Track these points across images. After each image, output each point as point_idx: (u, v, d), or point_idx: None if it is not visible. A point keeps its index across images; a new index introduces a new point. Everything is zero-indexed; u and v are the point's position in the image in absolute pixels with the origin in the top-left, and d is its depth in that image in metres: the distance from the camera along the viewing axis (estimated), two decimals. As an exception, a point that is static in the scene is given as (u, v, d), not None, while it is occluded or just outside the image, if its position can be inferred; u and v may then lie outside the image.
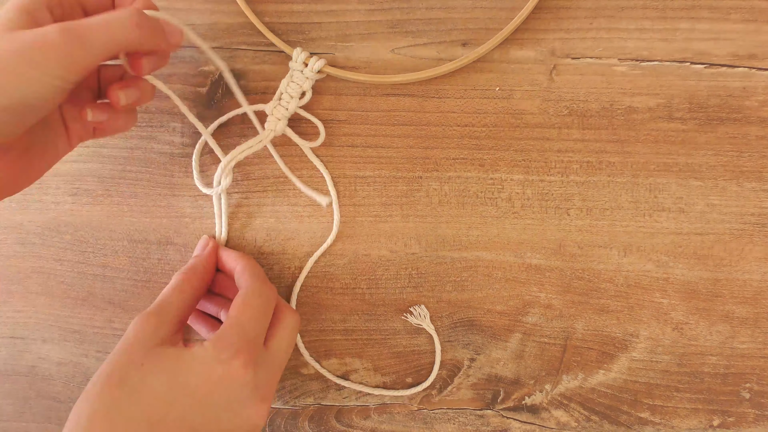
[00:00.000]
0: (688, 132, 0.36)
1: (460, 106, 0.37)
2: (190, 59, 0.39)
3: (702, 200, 0.36)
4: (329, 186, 0.38)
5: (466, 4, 0.37)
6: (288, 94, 0.37)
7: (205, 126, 0.38)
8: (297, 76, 0.37)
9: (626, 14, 0.36)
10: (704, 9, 0.35)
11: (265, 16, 0.38)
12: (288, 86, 0.37)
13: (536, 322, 0.38)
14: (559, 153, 0.37)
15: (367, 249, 0.39)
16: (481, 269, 0.38)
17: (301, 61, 0.36)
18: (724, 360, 0.37)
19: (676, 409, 0.38)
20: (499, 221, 0.38)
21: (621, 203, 0.37)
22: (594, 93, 0.36)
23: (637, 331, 0.38)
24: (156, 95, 0.39)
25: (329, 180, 0.38)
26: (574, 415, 0.39)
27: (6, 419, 0.43)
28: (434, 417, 0.40)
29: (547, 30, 0.36)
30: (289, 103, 0.37)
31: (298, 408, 0.41)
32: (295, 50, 0.36)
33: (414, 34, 0.37)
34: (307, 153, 0.38)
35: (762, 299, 0.37)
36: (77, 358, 0.42)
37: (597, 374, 0.38)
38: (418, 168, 0.38)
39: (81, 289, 0.41)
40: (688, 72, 0.36)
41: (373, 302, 0.39)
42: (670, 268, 0.37)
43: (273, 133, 0.37)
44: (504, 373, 0.39)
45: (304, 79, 0.37)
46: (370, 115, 0.38)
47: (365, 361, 0.40)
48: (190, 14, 0.38)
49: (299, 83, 0.37)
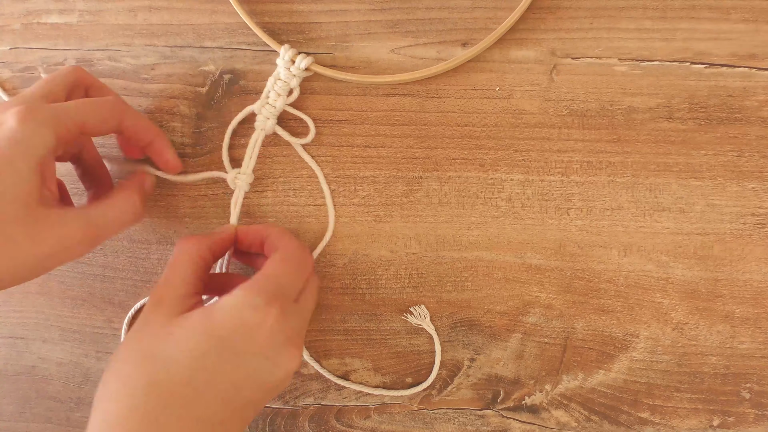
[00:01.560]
0: (688, 132, 0.36)
1: (460, 106, 0.37)
2: (190, 59, 0.39)
3: (702, 200, 0.36)
4: (322, 183, 0.38)
5: (466, 4, 0.37)
6: (275, 92, 0.37)
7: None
8: (284, 74, 0.37)
9: (626, 14, 0.36)
10: (704, 9, 0.35)
11: (264, 16, 0.38)
12: (275, 84, 0.37)
13: (536, 322, 0.38)
14: (559, 153, 0.37)
15: (367, 249, 0.39)
16: (481, 269, 0.38)
17: (289, 59, 0.36)
18: (724, 360, 0.37)
19: (676, 409, 0.38)
20: (499, 221, 0.38)
21: (621, 203, 0.37)
22: (594, 93, 0.36)
23: (637, 331, 0.38)
24: (156, 95, 0.39)
25: (321, 177, 0.38)
26: (574, 415, 0.39)
27: (6, 419, 0.43)
28: (434, 417, 0.40)
29: (547, 30, 0.36)
30: (276, 101, 0.37)
31: (298, 408, 0.41)
32: (282, 47, 0.36)
33: (414, 34, 0.37)
34: (298, 150, 0.38)
35: (762, 299, 0.37)
36: (77, 358, 0.42)
37: (597, 374, 0.38)
38: (418, 168, 0.38)
39: (81, 289, 0.41)
40: (688, 72, 0.36)
41: (373, 302, 0.39)
42: (670, 268, 0.37)
43: (263, 132, 0.37)
44: (504, 373, 0.39)
45: (291, 76, 0.37)
46: (370, 115, 0.38)
47: (365, 361, 0.40)
48: (190, 14, 0.38)
49: (287, 81, 0.37)
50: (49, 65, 0.40)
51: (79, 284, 0.41)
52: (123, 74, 0.39)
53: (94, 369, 0.41)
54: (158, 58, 0.39)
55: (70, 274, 0.41)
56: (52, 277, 0.41)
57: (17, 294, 0.41)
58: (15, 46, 0.40)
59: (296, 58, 0.36)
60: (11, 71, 0.40)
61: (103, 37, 0.39)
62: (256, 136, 0.37)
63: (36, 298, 0.41)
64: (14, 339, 0.42)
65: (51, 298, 0.41)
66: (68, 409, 0.42)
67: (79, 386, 0.42)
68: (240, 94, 0.38)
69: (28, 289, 0.41)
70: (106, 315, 0.41)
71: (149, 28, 0.39)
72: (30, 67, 0.40)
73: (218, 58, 0.39)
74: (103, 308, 0.41)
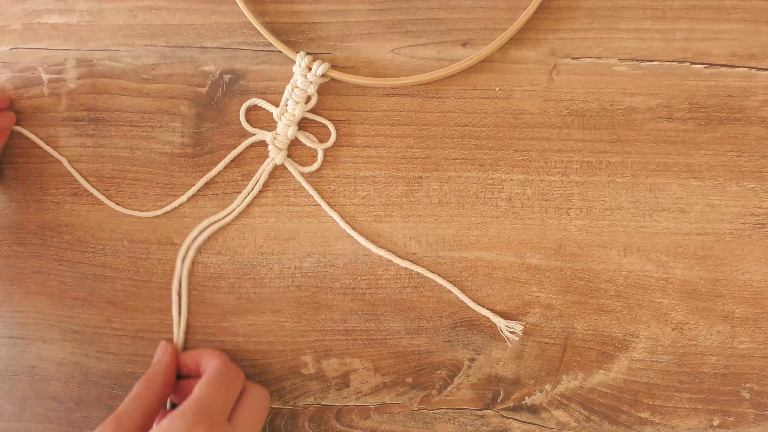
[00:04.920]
0: (688, 132, 0.36)
1: (460, 106, 0.37)
2: (190, 59, 0.39)
3: (702, 200, 0.36)
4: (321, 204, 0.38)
5: (467, 4, 0.37)
6: (293, 100, 0.37)
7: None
8: (301, 81, 0.37)
9: (626, 14, 0.36)
10: (704, 9, 0.35)
11: (265, 16, 0.38)
12: (293, 92, 0.37)
13: (536, 322, 0.38)
14: (559, 153, 0.37)
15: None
16: (481, 269, 0.38)
17: (305, 66, 0.36)
18: (724, 360, 0.37)
19: (676, 409, 0.38)
20: (499, 221, 0.38)
21: (621, 203, 0.37)
22: (594, 93, 0.36)
23: (637, 331, 0.38)
24: (156, 95, 0.39)
25: (325, 204, 0.38)
26: (574, 415, 0.39)
27: (6, 419, 0.43)
28: (434, 417, 0.40)
29: (547, 30, 0.36)
30: (295, 109, 0.37)
31: (298, 408, 0.41)
32: (299, 54, 0.36)
33: (414, 34, 0.37)
34: (298, 178, 0.38)
35: (762, 299, 0.37)
36: (77, 358, 0.42)
37: (597, 374, 0.38)
38: (418, 168, 0.38)
39: (81, 289, 0.41)
40: (688, 72, 0.36)
41: (373, 302, 0.39)
42: (670, 268, 0.37)
43: (287, 139, 0.37)
44: (504, 373, 0.39)
45: (309, 83, 0.37)
46: (370, 115, 0.38)
47: (365, 361, 0.40)
48: (190, 14, 0.39)
49: (304, 88, 0.37)
50: (50, 65, 0.40)
51: (79, 284, 0.41)
52: (123, 74, 0.39)
53: (94, 369, 0.41)
54: (158, 58, 0.39)
55: (70, 274, 0.41)
56: (52, 277, 0.41)
57: (17, 294, 0.41)
58: (15, 46, 0.40)
59: (312, 65, 0.36)
60: (11, 71, 0.40)
61: (103, 37, 0.39)
62: (279, 142, 0.38)
63: (36, 298, 0.41)
64: (14, 339, 0.42)
65: (51, 298, 0.41)
66: (68, 409, 0.42)
67: (79, 386, 0.42)
68: (240, 94, 0.38)
69: (28, 289, 0.41)
70: (106, 315, 0.41)
71: (149, 28, 0.39)
72: (30, 67, 0.40)
73: (218, 58, 0.39)
74: (103, 308, 0.41)
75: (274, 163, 0.38)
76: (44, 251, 0.41)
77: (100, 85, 0.40)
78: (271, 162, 0.38)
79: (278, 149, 0.38)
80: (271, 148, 0.38)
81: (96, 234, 0.40)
